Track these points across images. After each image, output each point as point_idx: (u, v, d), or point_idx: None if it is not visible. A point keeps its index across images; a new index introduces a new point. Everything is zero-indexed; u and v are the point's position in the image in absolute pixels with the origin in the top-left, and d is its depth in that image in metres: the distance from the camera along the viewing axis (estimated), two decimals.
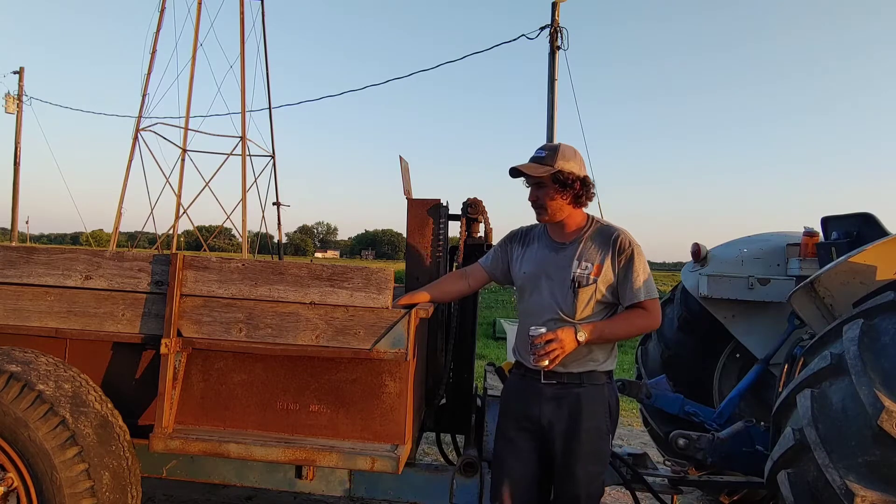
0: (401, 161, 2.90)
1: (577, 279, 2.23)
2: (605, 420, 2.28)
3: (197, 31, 19.53)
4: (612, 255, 2.25)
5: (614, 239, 2.26)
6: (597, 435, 2.25)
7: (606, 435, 2.30)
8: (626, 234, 2.29)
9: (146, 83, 19.86)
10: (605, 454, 2.33)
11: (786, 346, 3.16)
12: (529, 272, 2.36)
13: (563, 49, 11.69)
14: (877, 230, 2.96)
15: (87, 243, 34.07)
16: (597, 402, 2.26)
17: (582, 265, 2.24)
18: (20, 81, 23.99)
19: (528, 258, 2.39)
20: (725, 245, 3.68)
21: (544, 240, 2.39)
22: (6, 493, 2.00)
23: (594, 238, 2.29)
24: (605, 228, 2.32)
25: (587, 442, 2.23)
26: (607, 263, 2.24)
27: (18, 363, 2.06)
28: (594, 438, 2.25)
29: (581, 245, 2.29)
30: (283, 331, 2.22)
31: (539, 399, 2.29)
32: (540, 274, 2.32)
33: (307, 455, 2.15)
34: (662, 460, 3.37)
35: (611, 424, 2.32)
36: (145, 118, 19.90)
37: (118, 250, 2.84)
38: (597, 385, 2.27)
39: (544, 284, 2.30)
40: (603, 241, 2.28)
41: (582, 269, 2.24)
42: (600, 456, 2.29)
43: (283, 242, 24.02)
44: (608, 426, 2.30)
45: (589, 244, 2.28)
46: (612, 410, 2.32)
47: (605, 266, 2.24)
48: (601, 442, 2.27)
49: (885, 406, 1.95)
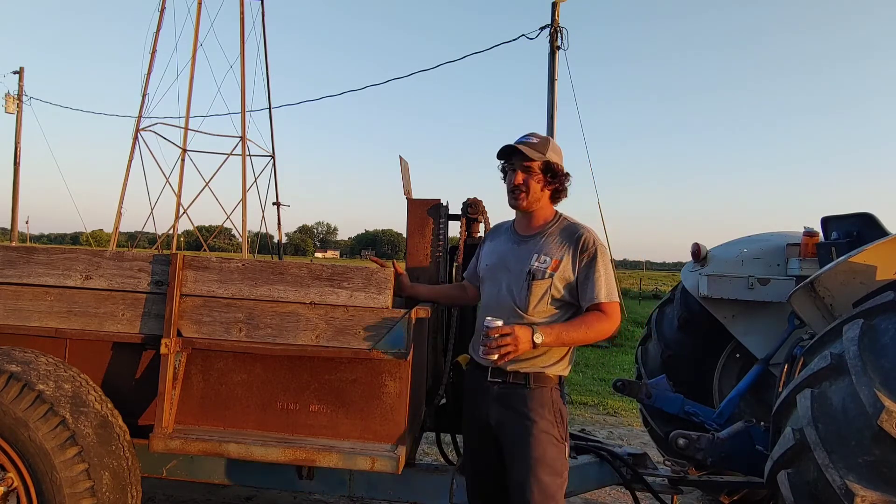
0: (401, 161, 2.90)
1: (532, 272, 2.16)
2: (555, 426, 2.14)
3: (197, 31, 19.52)
4: (573, 252, 2.18)
5: (578, 236, 2.20)
6: (546, 441, 2.11)
7: (560, 443, 2.15)
8: (591, 232, 2.22)
9: (146, 83, 19.86)
10: (560, 464, 2.14)
11: (786, 346, 3.16)
12: (491, 264, 2.32)
13: (563, 49, 11.70)
14: (877, 230, 2.96)
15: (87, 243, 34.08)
16: (544, 405, 2.14)
17: (540, 258, 2.18)
18: (20, 81, 24.03)
19: (492, 251, 2.36)
20: (725, 245, 3.68)
21: (509, 233, 2.35)
22: (6, 493, 2.00)
23: (558, 234, 2.24)
24: (571, 226, 2.26)
25: (536, 447, 2.09)
26: (566, 260, 2.17)
27: (18, 363, 2.05)
28: (544, 444, 2.10)
29: (543, 239, 2.23)
30: (283, 331, 2.22)
31: (486, 398, 2.21)
32: (500, 266, 2.27)
33: (307, 455, 2.15)
34: (662, 460, 3.36)
35: (563, 431, 2.17)
36: (145, 118, 19.89)
37: (118, 250, 2.84)
38: (544, 388, 2.15)
39: (502, 277, 2.24)
40: (566, 238, 2.21)
41: (540, 262, 2.17)
42: (553, 465, 2.11)
43: (283, 242, 24.01)
44: (560, 433, 2.15)
45: (551, 239, 2.23)
46: (563, 416, 2.18)
47: (563, 262, 2.17)
48: (552, 448, 2.12)
49: (885, 406, 1.95)
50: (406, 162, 2.93)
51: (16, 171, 23.57)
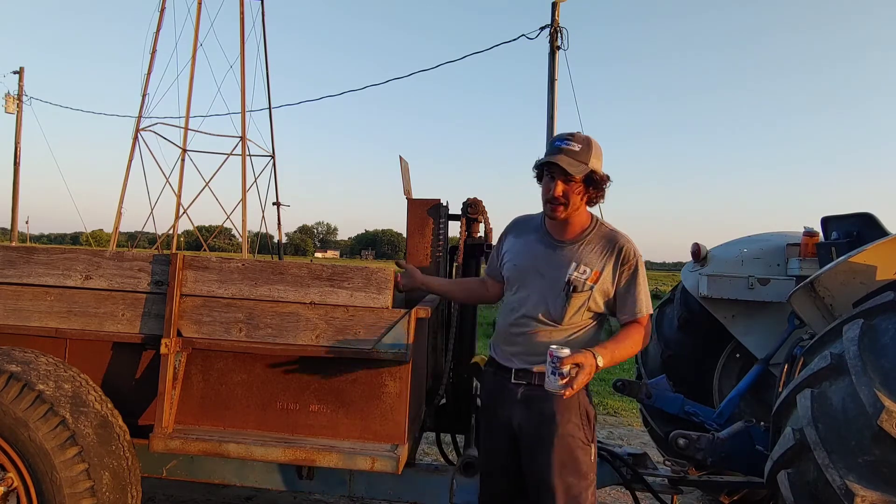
0: (401, 161, 2.90)
1: (572, 283, 2.07)
2: (582, 428, 2.09)
3: (197, 31, 19.54)
4: (614, 263, 2.10)
5: (620, 247, 2.11)
6: (572, 443, 2.06)
7: (586, 445, 2.09)
8: (631, 243, 2.14)
9: (146, 83, 19.89)
10: (587, 466, 2.09)
11: (786, 346, 3.16)
12: (520, 265, 2.20)
13: (563, 49, 11.70)
14: (877, 230, 2.95)
15: (87, 243, 34.08)
16: (570, 408, 2.07)
17: (580, 269, 2.09)
18: (20, 81, 24.03)
19: (521, 250, 2.23)
20: (725, 245, 3.68)
21: (541, 234, 2.21)
22: (6, 493, 2.00)
23: (597, 242, 2.13)
24: (611, 233, 2.15)
25: (561, 450, 2.05)
26: (607, 271, 2.09)
27: (18, 363, 2.05)
28: (569, 447, 2.06)
29: (581, 247, 2.12)
30: (283, 331, 2.22)
31: (510, 400, 2.14)
32: (531, 270, 2.16)
33: (307, 455, 2.15)
34: (662, 460, 3.36)
35: (590, 433, 2.12)
36: (145, 118, 19.92)
37: (118, 250, 2.84)
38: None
39: (534, 282, 2.14)
40: (606, 248, 2.12)
41: (580, 272, 2.08)
42: (579, 467, 2.06)
43: (283, 242, 24.02)
44: (587, 435, 2.10)
45: (590, 248, 2.12)
46: (590, 418, 2.13)
47: (604, 273, 2.09)
48: (579, 451, 2.07)
49: (885, 406, 1.95)
50: (406, 162, 2.93)
51: (16, 171, 23.58)
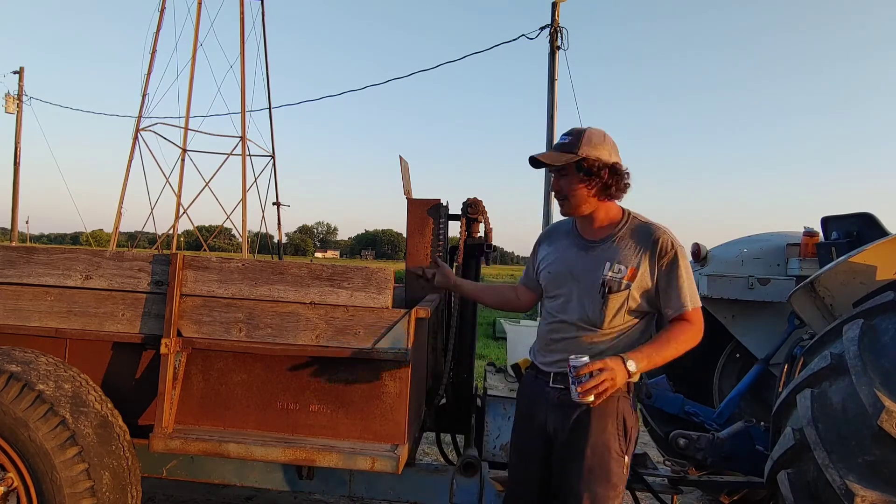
0: (401, 161, 2.90)
1: (607, 283, 1.98)
2: (618, 438, 2.00)
3: (197, 31, 19.55)
4: (650, 257, 1.99)
5: (655, 239, 2.00)
6: (604, 452, 1.98)
7: (619, 456, 2.00)
8: (668, 233, 2.02)
9: (146, 83, 19.90)
10: (617, 477, 2.00)
11: (786, 346, 3.16)
12: (554, 272, 2.13)
13: (563, 49, 11.70)
14: (877, 230, 2.95)
15: (87, 243, 34.09)
16: (606, 415, 1.99)
17: (615, 268, 1.99)
18: (20, 81, 24.02)
19: (555, 256, 2.16)
20: (725, 245, 3.68)
21: (573, 236, 2.15)
22: (6, 493, 2.00)
23: (630, 237, 2.04)
24: (644, 226, 2.05)
25: (591, 458, 1.97)
26: (644, 267, 1.99)
27: (18, 363, 2.05)
28: (601, 456, 1.98)
29: (614, 244, 2.03)
30: (283, 331, 2.22)
31: (546, 404, 2.09)
32: (566, 275, 2.09)
33: (307, 455, 2.15)
34: (662, 460, 3.36)
35: (625, 444, 2.02)
36: (145, 118, 19.94)
37: (118, 250, 2.84)
38: (611, 397, 1.92)
39: (570, 287, 2.07)
40: (641, 241, 2.01)
41: (614, 272, 1.99)
42: (608, 477, 1.98)
43: (283, 242, 24.02)
44: (622, 446, 2.01)
45: (623, 244, 2.03)
46: (627, 428, 2.02)
47: (641, 270, 1.98)
48: (610, 462, 1.98)
49: (885, 406, 1.95)
50: (406, 162, 2.93)
51: (16, 171, 23.58)
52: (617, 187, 2.05)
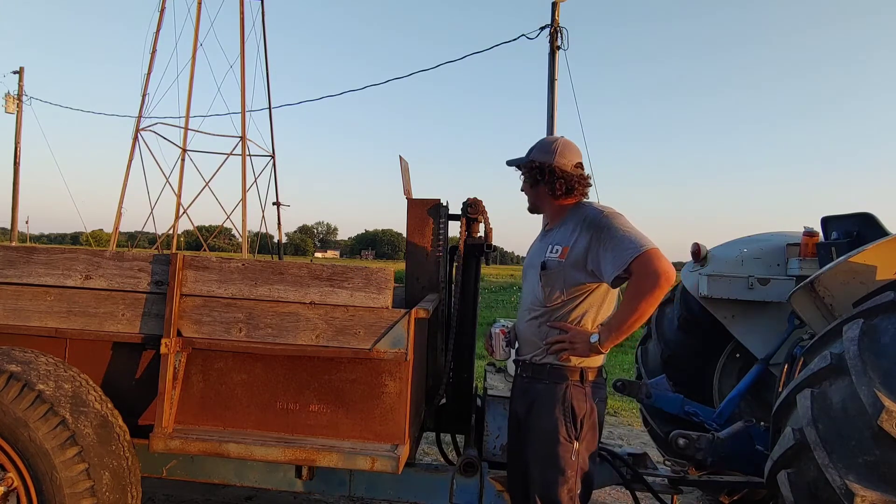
0: (401, 161, 2.90)
1: (545, 263, 2.19)
2: (565, 424, 2.09)
3: (197, 31, 19.57)
4: (583, 233, 2.12)
5: (584, 217, 2.17)
6: (549, 438, 2.09)
7: (567, 442, 2.09)
8: (596, 207, 2.17)
9: (146, 83, 19.93)
10: (565, 462, 2.09)
11: (786, 346, 3.16)
12: (524, 265, 2.42)
13: (563, 49, 11.69)
14: (877, 230, 2.95)
15: (87, 243, 34.09)
16: (554, 402, 2.10)
17: (553, 249, 2.19)
18: (20, 81, 24.03)
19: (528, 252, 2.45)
20: (725, 245, 3.67)
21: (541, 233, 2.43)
22: (6, 493, 2.00)
23: (570, 220, 2.23)
24: (581, 209, 2.23)
25: (536, 443, 2.12)
26: (579, 244, 2.12)
27: (18, 363, 2.05)
28: (545, 442, 2.09)
29: (559, 230, 2.25)
30: (283, 331, 2.22)
31: (515, 392, 2.32)
32: (527, 264, 2.37)
33: (307, 455, 2.15)
34: (662, 460, 3.36)
35: (575, 430, 2.09)
36: (145, 118, 19.96)
37: (118, 250, 2.84)
38: (558, 384, 2.11)
39: (530, 274, 2.31)
40: (577, 223, 2.18)
41: (552, 252, 2.18)
42: (556, 462, 2.08)
43: (283, 242, 24.03)
44: (570, 432, 2.09)
45: (564, 227, 2.23)
46: (576, 415, 2.10)
47: (575, 247, 2.13)
48: (558, 447, 2.09)
49: (885, 406, 1.95)
50: (406, 162, 2.93)
51: (16, 171, 23.57)
52: (563, 189, 2.22)
